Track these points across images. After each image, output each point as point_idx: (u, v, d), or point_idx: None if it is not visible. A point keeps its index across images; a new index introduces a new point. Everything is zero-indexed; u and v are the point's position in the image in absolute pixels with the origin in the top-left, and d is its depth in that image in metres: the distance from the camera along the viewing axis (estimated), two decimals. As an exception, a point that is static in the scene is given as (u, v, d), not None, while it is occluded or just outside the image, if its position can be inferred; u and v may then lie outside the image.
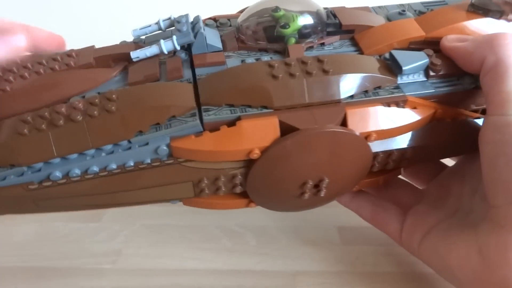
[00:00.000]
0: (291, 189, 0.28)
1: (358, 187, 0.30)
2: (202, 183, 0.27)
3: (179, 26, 0.29)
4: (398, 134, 0.27)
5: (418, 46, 0.29)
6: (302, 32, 0.29)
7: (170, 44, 0.28)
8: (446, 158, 0.33)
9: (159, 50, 0.28)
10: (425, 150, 0.29)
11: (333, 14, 0.31)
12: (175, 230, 0.36)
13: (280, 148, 0.25)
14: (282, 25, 0.28)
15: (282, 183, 0.27)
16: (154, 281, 0.32)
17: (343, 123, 0.25)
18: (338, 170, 0.27)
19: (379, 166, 0.29)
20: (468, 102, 0.28)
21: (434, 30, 0.29)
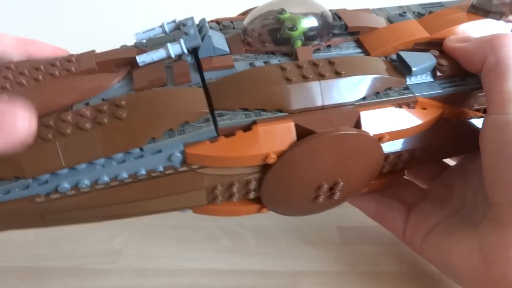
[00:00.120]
0: (306, 193, 0.27)
1: (367, 189, 0.30)
2: (216, 190, 0.26)
3: (186, 29, 0.28)
4: (410, 135, 0.27)
5: (422, 47, 0.29)
6: (308, 34, 0.28)
7: (178, 47, 0.27)
8: (450, 158, 0.34)
9: (167, 54, 0.27)
10: (432, 150, 0.29)
11: (338, 16, 0.31)
12: (175, 230, 0.36)
13: (297, 152, 0.24)
14: (290, 27, 0.28)
15: (297, 187, 0.27)
16: (154, 281, 0.32)
17: (357, 125, 0.25)
18: (351, 172, 0.27)
19: (389, 167, 0.29)
20: (471, 102, 0.29)
21: (437, 31, 0.29)
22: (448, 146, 0.30)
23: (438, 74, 0.27)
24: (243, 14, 0.33)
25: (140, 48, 0.29)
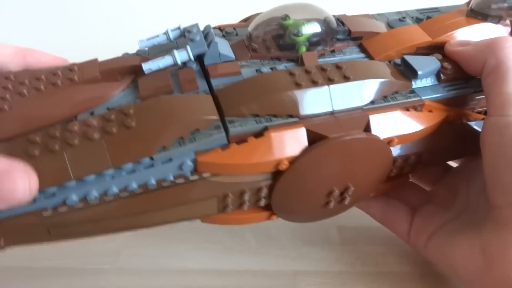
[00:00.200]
0: (317, 198, 0.27)
1: (374, 193, 0.30)
2: (227, 199, 0.25)
3: (192, 36, 0.28)
4: (417, 138, 0.27)
5: (424, 51, 0.29)
6: (313, 40, 0.28)
7: (184, 54, 0.27)
8: (453, 160, 0.34)
9: (173, 61, 0.27)
10: (438, 152, 0.29)
11: (340, 21, 0.31)
12: (175, 230, 0.35)
13: (309, 157, 0.24)
14: (295, 33, 0.28)
15: (308, 193, 0.27)
16: (154, 281, 0.32)
17: (366, 129, 0.25)
18: (361, 176, 0.27)
19: (396, 170, 0.29)
20: (473, 104, 0.29)
21: (438, 35, 0.30)
22: (451, 148, 0.30)
23: (443, 77, 0.28)
24: (245, 21, 0.33)
25: (143, 56, 0.29)
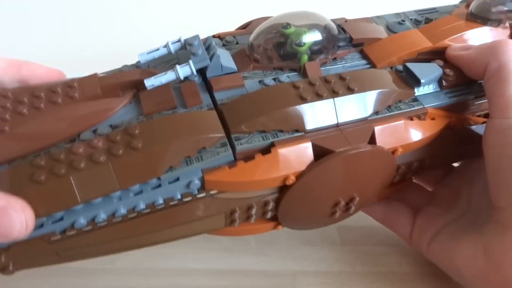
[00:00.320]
0: (324, 210, 0.27)
1: (377, 199, 0.31)
2: (234, 214, 0.26)
3: (194, 50, 0.27)
4: (420, 146, 0.27)
5: (425, 57, 0.30)
6: (314, 48, 0.28)
7: (187, 69, 0.26)
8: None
9: (176, 76, 0.26)
10: (440, 157, 0.30)
11: (341, 28, 0.31)
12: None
13: (316, 172, 0.24)
14: (297, 42, 0.28)
15: (315, 205, 0.27)
16: (154, 281, 0.32)
17: (371, 140, 0.25)
18: (366, 186, 0.27)
19: (399, 177, 0.29)
20: (474, 109, 0.30)
21: (439, 40, 0.30)
22: (453, 152, 0.30)
23: (444, 83, 0.28)
24: (243, 27, 0.33)
25: (145, 69, 0.28)
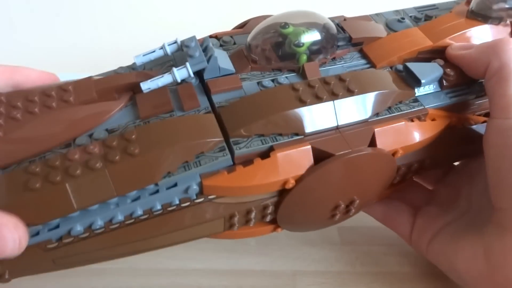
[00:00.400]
0: (324, 213, 0.27)
1: (376, 200, 0.31)
2: (233, 218, 0.25)
3: (190, 52, 0.26)
4: (421, 147, 0.27)
5: (426, 56, 0.29)
6: (313, 48, 0.28)
7: (184, 72, 0.26)
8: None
9: (173, 79, 0.26)
10: (440, 157, 0.29)
11: (340, 27, 0.31)
12: (175, 230, 0.36)
13: (316, 175, 0.24)
14: (296, 43, 0.27)
15: (315, 209, 0.27)
16: (154, 281, 0.32)
17: (372, 142, 0.25)
18: (366, 188, 0.27)
19: (400, 178, 0.29)
20: (474, 108, 0.29)
21: (439, 39, 0.30)
22: (453, 151, 0.30)
23: (445, 83, 0.28)
24: (241, 27, 0.32)
25: (141, 71, 0.28)
